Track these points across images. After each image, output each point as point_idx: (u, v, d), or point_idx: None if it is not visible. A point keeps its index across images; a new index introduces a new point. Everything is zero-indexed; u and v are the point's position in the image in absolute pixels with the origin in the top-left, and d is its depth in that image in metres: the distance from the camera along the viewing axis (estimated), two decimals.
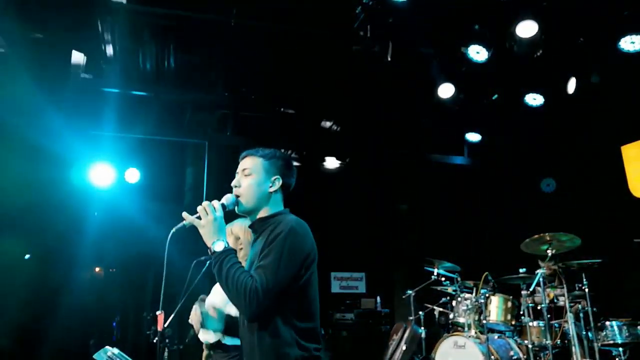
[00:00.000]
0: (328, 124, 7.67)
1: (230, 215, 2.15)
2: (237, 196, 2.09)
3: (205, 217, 1.99)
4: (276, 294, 1.86)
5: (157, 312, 2.20)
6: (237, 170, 2.16)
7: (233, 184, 2.12)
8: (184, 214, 2.04)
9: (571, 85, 5.79)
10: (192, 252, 3.09)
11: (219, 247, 1.95)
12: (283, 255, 1.89)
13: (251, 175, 2.10)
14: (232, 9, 5.60)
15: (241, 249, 2.95)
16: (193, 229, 2.05)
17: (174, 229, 2.04)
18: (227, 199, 2.09)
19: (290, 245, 1.91)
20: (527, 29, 5.09)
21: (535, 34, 5.09)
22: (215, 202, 2.04)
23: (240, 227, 2.98)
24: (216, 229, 1.98)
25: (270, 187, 2.09)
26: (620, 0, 5.25)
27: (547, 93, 6.50)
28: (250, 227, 2.15)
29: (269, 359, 1.90)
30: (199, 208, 2.03)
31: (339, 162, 8.19)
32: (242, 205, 2.08)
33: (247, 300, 1.83)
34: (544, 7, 5.09)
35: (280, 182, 2.11)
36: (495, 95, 7.19)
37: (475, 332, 5.01)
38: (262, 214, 2.10)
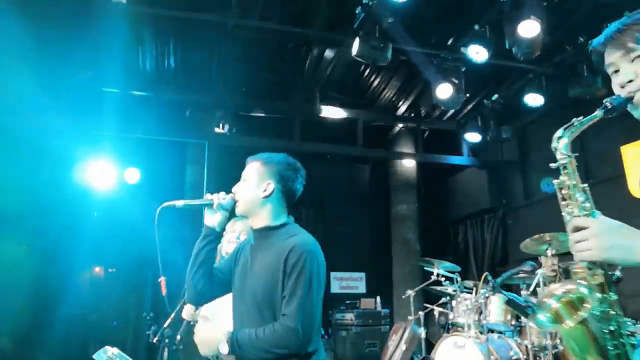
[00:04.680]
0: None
1: None
2: (236, 201, 2.08)
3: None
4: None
5: (159, 279, 2.14)
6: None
7: (233, 189, 2.11)
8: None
9: None
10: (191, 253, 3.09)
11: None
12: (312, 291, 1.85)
13: (245, 181, 2.07)
14: (232, 9, 5.61)
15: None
16: (187, 218, 2.04)
17: (164, 205, 2.03)
18: (227, 198, 2.08)
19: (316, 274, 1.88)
20: (528, 29, 5.09)
21: (537, 34, 5.09)
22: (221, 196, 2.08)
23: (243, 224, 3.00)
24: None
25: (264, 191, 2.01)
26: (620, 1, 5.24)
27: (547, 93, 6.52)
28: (254, 232, 2.11)
29: None
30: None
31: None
32: (238, 209, 2.07)
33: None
34: (544, 7, 5.09)
35: (274, 187, 2.02)
36: (495, 95, 7.21)
37: (475, 332, 4.99)
38: (262, 220, 2.04)
